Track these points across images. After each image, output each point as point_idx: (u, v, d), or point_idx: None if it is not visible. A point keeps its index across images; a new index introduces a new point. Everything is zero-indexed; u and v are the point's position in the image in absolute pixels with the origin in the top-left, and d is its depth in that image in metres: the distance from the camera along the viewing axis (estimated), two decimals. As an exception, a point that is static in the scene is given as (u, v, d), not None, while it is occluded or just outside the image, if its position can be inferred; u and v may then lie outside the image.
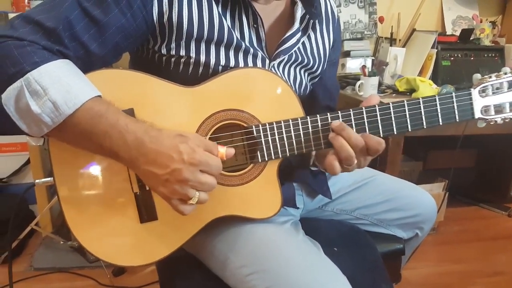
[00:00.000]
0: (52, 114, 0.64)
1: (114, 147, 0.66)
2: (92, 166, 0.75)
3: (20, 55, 0.64)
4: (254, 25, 0.84)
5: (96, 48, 0.72)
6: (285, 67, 0.91)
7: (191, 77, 0.81)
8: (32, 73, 0.64)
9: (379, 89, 1.95)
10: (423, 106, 0.80)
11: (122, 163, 0.69)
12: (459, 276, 1.85)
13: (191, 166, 0.64)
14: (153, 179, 0.67)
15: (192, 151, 0.65)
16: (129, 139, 0.65)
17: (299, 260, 0.79)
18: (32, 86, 0.64)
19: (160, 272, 0.99)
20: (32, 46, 0.65)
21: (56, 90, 0.64)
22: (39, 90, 0.64)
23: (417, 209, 1.06)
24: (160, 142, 0.65)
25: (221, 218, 0.81)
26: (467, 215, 2.40)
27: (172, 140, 0.65)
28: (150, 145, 0.65)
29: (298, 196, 1.02)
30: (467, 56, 2.19)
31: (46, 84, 0.64)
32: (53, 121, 0.65)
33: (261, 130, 0.80)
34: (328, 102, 1.05)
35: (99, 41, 0.72)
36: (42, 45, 0.66)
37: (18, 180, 2.13)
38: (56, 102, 0.64)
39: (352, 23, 2.37)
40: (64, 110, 0.64)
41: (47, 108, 0.64)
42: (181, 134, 0.67)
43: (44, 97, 0.64)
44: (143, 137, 0.65)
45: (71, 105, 0.64)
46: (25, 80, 0.64)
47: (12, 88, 0.64)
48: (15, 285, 1.69)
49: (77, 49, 0.70)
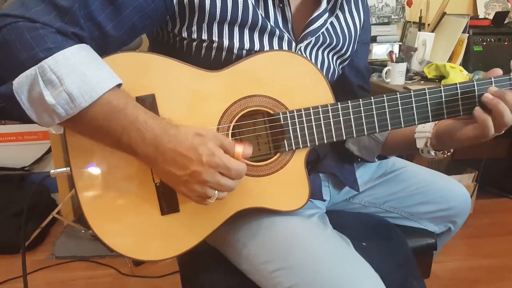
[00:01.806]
0: (67, 106, 0.62)
1: (132, 144, 0.66)
2: (111, 156, 0.72)
3: (32, 39, 0.61)
4: (280, 5, 0.80)
5: (111, 29, 0.68)
6: (312, 50, 0.87)
7: (213, 62, 0.78)
8: (47, 60, 0.61)
9: (407, 75, 1.91)
10: (460, 92, 0.78)
11: (139, 160, 0.68)
12: (489, 271, 1.80)
13: (210, 169, 0.65)
14: (173, 179, 0.68)
15: (212, 153, 0.65)
16: (148, 138, 0.65)
17: (328, 256, 0.75)
18: (47, 75, 0.61)
19: (181, 265, 0.98)
20: (45, 29, 0.62)
21: (72, 80, 0.61)
22: (54, 80, 0.61)
23: (450, 202, 1.02)
24: (178, 141, 0.65)
25: (245, 210, 0.78)
26: (498, 207, 2.34)
27: (191, 140, 0.65)
28: (169, 145, 0.65)
29: (325, 188, 0.99)
30: (501, 41, 2.10)
31: (62, 73, 0.61)
32: (67, 113, 0.62)
33: (288, 117, 0.77)
34: (361, 83, 1.01)
35: (115, 21, 0.68)
36: (56, 28, 0.63)
37: (40, 169, 2.15)
38: (72, 94, 0.61)
39: (379, 7, 2.30)
40: (80, 103, 0.62)
41: (62, 99, 0.61)
42: (199, 133, 0.66)
43: (59, 88, 0.61)
44: (162, 135, 0.65)
45: (88, 98, 0.62)
46: (40, 68, 0.60)
47: (25, 76, 0.61)
48: (36, 273, 1.72)
49: (92, 29, 0.67)
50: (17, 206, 1.91)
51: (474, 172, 2.10)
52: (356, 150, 0.99)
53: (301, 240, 0.78)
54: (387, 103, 0.77)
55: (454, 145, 0.84)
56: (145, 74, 0.72)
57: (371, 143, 0.96)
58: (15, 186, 2.04)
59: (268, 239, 0.80)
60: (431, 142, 0.86)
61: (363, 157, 0.99)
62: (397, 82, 1.83)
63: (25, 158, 2.12)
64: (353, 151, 0.99)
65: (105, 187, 0.73)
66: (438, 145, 0.85)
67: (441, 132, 0.84)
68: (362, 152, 0.98)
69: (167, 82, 0.73)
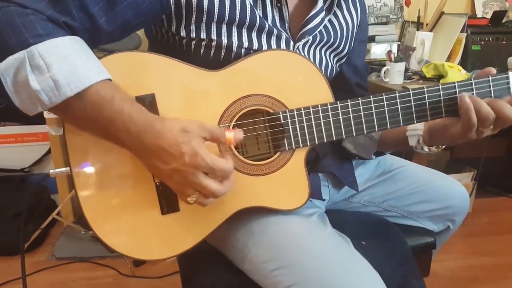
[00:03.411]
0: (51, 93, 0.61)
1: (118, 136, 0.65)
2: (111, 156, 0.72)
3: (22, 24, 0.60)
4: (278, 4, 0.80)
5: (104, 23, 0.68)
6: (310, 48, 0.87)
7: (213, 60, 0.78)
8: (37, 46, 0.60)
9: (405, 75, 1.91)
10: (458, 91, 0.77)
11: (128, 151, 0.68)
12: (489, 269, 1.80)
13: (191, 169, 0.64)
14: (158, 172, 0.68)
15: (194, 153, 0.63)
16: (133, 131, 0.64)
17: (327, 255, 0.75)
18: (35, 60, 0.60)
19: (181, 264, 0.98)
20: (36, 16, 0.61)
21: (60, 68, 0.60)
22: (42, 66, 0.60)
23: (449, 201, 1.02)
24: (163, 137, 0.64)
25: (246, 209, 0.78)
26: (497, 206, 2.34)
27: (175, 136, 0.64)
28: (153, 140, 0.64)
29: (324, 187, 0.99)
30: (499, 40, 2.10)
31: (51, 60, 0.60)
32: (50, 101, 0.61)
33: (288, 116, 0.77)
34: (359, 81, 1.01)
35: (108, 15, 0.67)
36: (47, 15, 0.62)
37: (40, 170, 2.14)
38: (58, 81, 0.60)
39: (377, 7, 2.30)
40: (65, 92, 0.61)
41: (47, 86, 0.60)
42: (184, 129, 0.64)
43: (46, 74, 0.60)
44: (147, 130, 0.64)
45: (74, 87, 0.61)
46: (29, 52, 0.60)
47: (13, 59, 0.60)
48: (36, 274, 1.72)
49: (85, 21, 0.66)
50: (17, 207, 1.90)
51: (473, 171, 2.09)
52: (353, 148, 0.99)
53: (301, 239, 0.78)
54: (386, 102, 0.77)
55: (447, 142, 0.84)
56: (144, 73, 0.72)
57: (367, 140, 0.96)
58: (15, 187, 2.03)
59: (268, 238, 0.79)
60: (424, 138, 0.86)
61: (360, 154, 0.99)
62: (395, 82, 1.83)
63: (24, 159, 2.11)
64: (350, 149, 0.99)
65: (105, 187, 0.73)
66: (431, 141, 0.86)
67: (433, 128, 0.84)
68: (358, 150, 0.98)
69: (167, 82, 0.73)
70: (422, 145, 0.87)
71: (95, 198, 0.73)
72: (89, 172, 0.73)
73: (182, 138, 0.64)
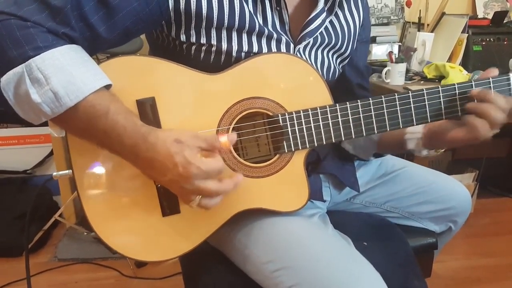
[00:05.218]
0: (53, 105, 0.62)
1: (113, 148, 0.67)
2: (113, 158, 0.72)
3: (22, 37, 0.61)
4: (277, 8, 0.80)
5: (104, 31, 0.68)
6: (311, 51, 0.87)
7: (213, 64, 0.78)
8: (35, 59, 0.61)
9: (407, 76, 1.91)
10: (458, 93, 0.78)
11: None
12: (491, 270, 1.80)
13: (186, 178, 0.64)
14: (157, 181, 0.71)
15: (188, 163, 0.63)
16: (127, 144, 0.65)
17: (329, 256, 0.75)
18: (33, 74, 0.61)
19: (183, 265, 0.98)
20: (36, 28, 0.62)
21: (58, 79, 0.61)
22: (41, 79, 0.61)
23: (451, 202, 1.02)
24: (156, 150, 0.64)
25: (246, 211, 0.79)
26: (499, 206, 2.33)
27: (168, 147, 0.64)
28: (146, 154, 0.65)
29: (325, 188, 0.99)
30: (500, 41, 2.10)
31: (49, 72, 0.61)
32: (52, 112, 0.63)
33: (287, 119, 0.77)
34: (361, 82, 1.01)
35: (107, 24, 0.68)
36: (46, 28, 0.63)
37: (42, 172, 2.15)
38: (57, 93, 0.61)
39: (378, 8, 2.30)
40: (65, 102, 0.62)
41: (48, 98, 0.61)
42: (178, 139, 0.65)
43: (45, 87, 0.61)
44: (140, 144, 0.65)
45: (73, 97, 0.62)
46: (27, 66, 0.61)
47: (13, 73, 0.61)
48: (39, 275, 1.72)
49: (84, 30, 0.66)
50: (19, 209, 1.91)
51: (475, 171, 2.09)
52: (351, 149, 0.99)
53: (302, 240, 0.78)
54: (385, 104, 0.77)
55: (446, 146, 0.84)
56: (145, 77, 0.72)
57: (366, 142, 0.96)
58: (17, 189, 2.04)
59: (269, 239, 0.80)
60: (423, 142, 0.86)
61: (359, 156, 0.99)
62: (396, 83, 1.83)
63: (27, 161, 2.12)
64: (349, 150, 0.99)
65: (107, 188, 0.73)
66: (430, 144, 0.86)
67: (432, 132, 0.84)
68: (357, 150, 0.98)
69: (167, 85, 0.73)
70: (421, 148, 0.87)
71: (97, 199, 0.73)
72: (91, 174, 0.73)
73: (175, 149, 0.64)
